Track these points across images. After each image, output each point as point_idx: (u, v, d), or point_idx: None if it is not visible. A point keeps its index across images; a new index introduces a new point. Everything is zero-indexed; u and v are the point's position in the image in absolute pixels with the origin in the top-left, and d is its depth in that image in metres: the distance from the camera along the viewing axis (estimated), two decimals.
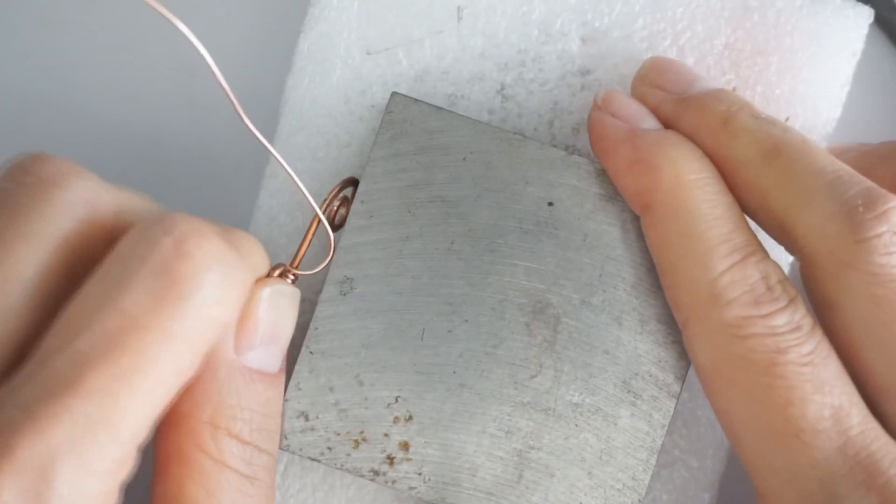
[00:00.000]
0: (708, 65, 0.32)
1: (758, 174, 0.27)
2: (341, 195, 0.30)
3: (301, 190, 0.27)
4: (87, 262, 0.25)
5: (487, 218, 0.30)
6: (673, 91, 0.30)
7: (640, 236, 0.29)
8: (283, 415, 0.29)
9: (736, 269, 0.26)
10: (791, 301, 0.26)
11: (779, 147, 0.27)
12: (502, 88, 0.32)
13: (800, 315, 0.26)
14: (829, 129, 0.32)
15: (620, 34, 0.32)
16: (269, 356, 0.27)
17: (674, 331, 0.29)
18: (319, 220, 0.29)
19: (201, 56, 0.24)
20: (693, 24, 0.32)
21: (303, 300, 0.31)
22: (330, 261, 0.30)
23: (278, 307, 0.27)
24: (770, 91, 0.32)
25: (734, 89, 0.32)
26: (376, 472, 0.29)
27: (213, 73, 0.24)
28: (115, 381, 0.22)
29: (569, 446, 0.29)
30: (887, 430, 0.26)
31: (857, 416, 0.25)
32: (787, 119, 0.32)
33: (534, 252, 0.29)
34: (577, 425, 0.29)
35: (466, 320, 0.29)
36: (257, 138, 0.26)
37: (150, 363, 0.23)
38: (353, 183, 0.30)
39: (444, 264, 0.29)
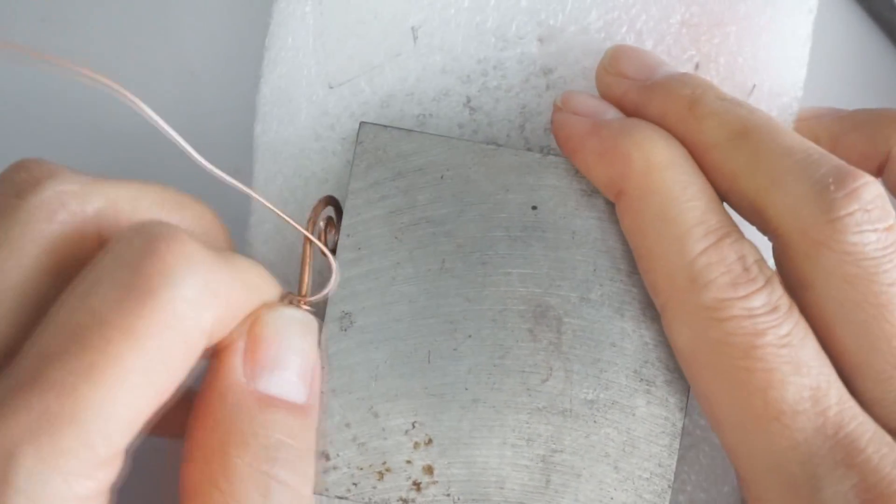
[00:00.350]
0: (668, 45, 0.32)
1: (727, 156, 0.27)
2: (325, 216, 0.30)
3: (292, 224, 0.27)
4: (77, 262, 0.25)
5: (474, 231, 0.30)
6: (637, 78, 0.30)
7: None
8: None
9: (712, 251, 0.26)
10: (768, 281, 0.26)
11: (746, 128, 0.27)
12: (469, 101, 0.32)
13: (777, 295, 0.26)
14: (798, 92, 0.32)
15: (576, 28, 0.32)
16: (288, 383, 0.26)
17: None
18: (312, 244, 0.29)
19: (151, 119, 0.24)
20: (647, 6, 0.32)
21: None
22: (334, 282, 0.29)
23: (287, 331, 0.27)
24: (733, 61, 0.32)
25: (697, 66, 0.32)
26: (405, 500, 0.29)
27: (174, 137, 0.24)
28: (74, 376, 0.22)
29: (591, 444, 0.29)
30: (863, 406, 0.26)
31: (835, 396, 0.25)
32: (754, 87, 0.32)
33: (525, 258, 0.29)
34: (595, 422, 0.29)
35: (470, 336, 0.29)
36: (238, 187, 0.26)
37: (112, 359, 0.22)
38: (331, 201, 0.30)
39: (438, 284, 0.29)
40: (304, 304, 0.28)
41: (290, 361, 0.26)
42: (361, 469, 0.29)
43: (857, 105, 0.36)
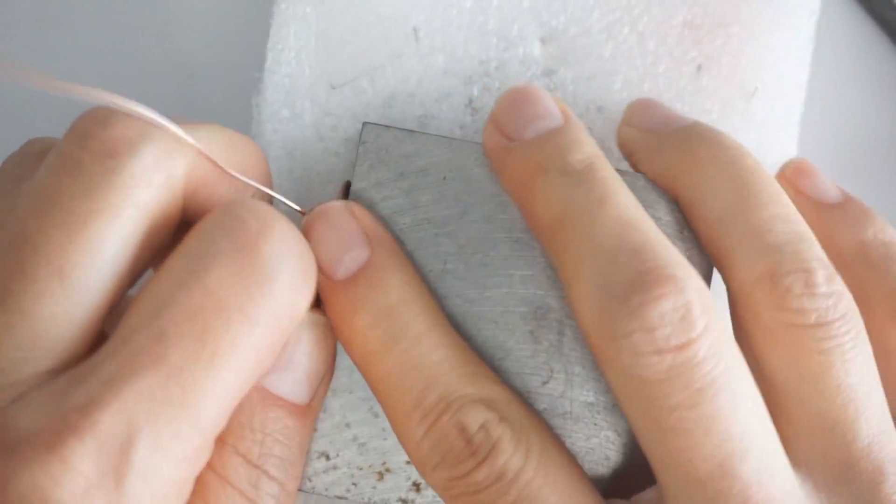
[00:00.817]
0: (670, 46, 0.32)
1: (546, 245, 0.27)
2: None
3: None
4: (166, 225, 0.25)
5: (476, 233, 0.30)
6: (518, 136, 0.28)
7: None
8: (307, 454, 0.29)
9: (430, 434, 0.26)
10: (494, 445, 0.25)
11: (563, 217, 0.26)
12: (470, 102, 0.32)
13: (502, 459, 0.25)
14: (801, 94, 0.32)
15: (578, 30, 0.32)
16: (293, 383, 0.26)
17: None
18: None
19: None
20: (649, 7, 0.32)
21: None
22: None
23: (305, 333, 0.27)
24: (735, 62, 0.32)
25: (699, 67, 0.32)
26: (404, 501, 0.29)
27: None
28: (196, 361, 0.22)
29: (591, 447, 0.29)
30: None
31: None
32: (756, 89, 0.32)
33: (527, 259, 0.29)
34: (595, 424, 0.29)
35: (470, 337, 0.29)
36: (257, 188, 0.27)
37: (231, 346, 0.22)
38: (348, 186, 0.30)
39: (440, 285, 0.29)
40: None
41: (301, 364, 0.27)
42: (361, 469, 0.29)
43: (860, 106, 0.36)
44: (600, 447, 0.29)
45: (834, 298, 0.25)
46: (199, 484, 0.24)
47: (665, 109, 0.30)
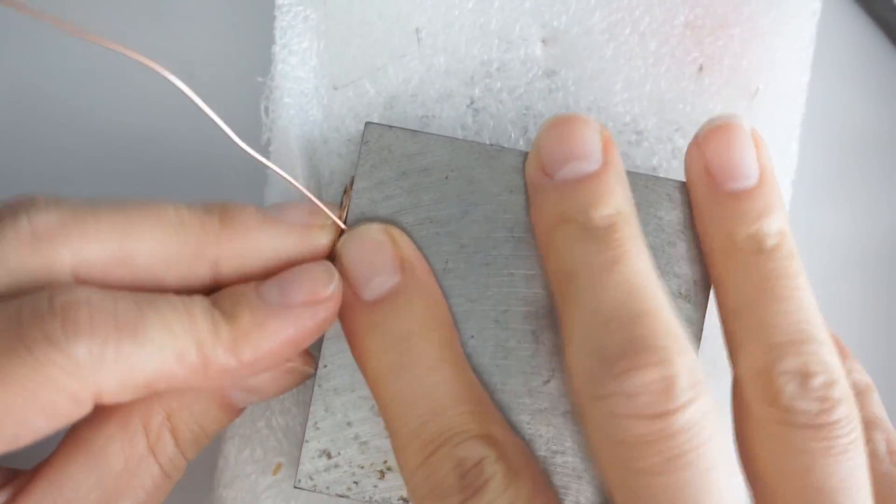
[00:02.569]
0: (671, 46, 0.32)
1: (554, 291, 0.28)
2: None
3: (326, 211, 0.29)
4: None
5: (478, 232, 0.30)
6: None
7: None
8: (309, 453, 0.29)
9: (427, 464, 0.26)
10: (484, 483, 0.25)
11: (574, 272, 0.26)
12: (472, 102, 0.32)
13: (488, 499, 0.25)
14: (802, 94, 0.32)
15: (580, 30, 0.32)
16: (247, 397, 0.29)
17: (680, 316, 0.29)
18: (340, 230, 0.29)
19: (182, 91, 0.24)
20: (651, 7, 0.32)
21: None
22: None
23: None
24: (737, 63, 0.32)
25: (701, 67, 0.32)
26: (405, 500, 0.29)
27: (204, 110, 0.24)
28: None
29: None
30: None
31: None
32: (758, 89, 0.32)
33: (528, 259, 0.29)
34: None
35: (472, 336, 0.29)
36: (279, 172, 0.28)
37: None
38: (352, 183, 0.30)
39: (441, 284, 0.29)
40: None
41: (262, 391, 0.29)
42: (363, 467, 0.29)
43: (860, 106, 0.36)
44: None
45: (829, 403, 0.26)
46: (129, 440, 0.27)
47: (735, 154, 0.28)
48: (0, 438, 0.24)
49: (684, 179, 0.29)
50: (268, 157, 0.33)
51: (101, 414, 0.27)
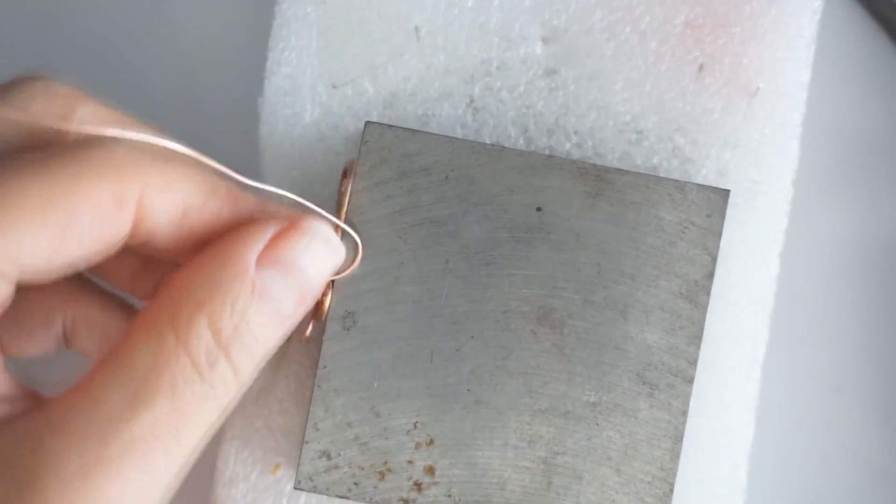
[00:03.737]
0: (672, 46, 0.32)
1: None
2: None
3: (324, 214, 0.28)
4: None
5: (478, 232, 0.30)
6: None
7: (632, 228, 0.29)
8: (308, 455, 0.29)
9: None
10: None
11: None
12: (472, 101, 0.32)
13: None
14: (803, 94, 0.32)
15: (580, 29, 0.32)
16: (286, 288, 0.26)
17: (679, 317, 0.29)
18: (341, 218, 0.29)
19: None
20: (651, 7, 0.32)
21: (311, 341, 0.31)
22: (360, 259, 0.29)
23: (318, 247, 0.27)
24: (737, 62, 0.32)
25: (701, 66, 0.32)
26: (406, 501, 0.29)
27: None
28: None
29: (593, 446, 0.29)
30: None
31: None
32: (759, 89, 0.32)
33: (529, 259, 0.29)
34: (598, 424, 0.29)
35: (473, 337, 0.29)
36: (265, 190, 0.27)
37: None
38: (347, 170, 0.30)
39: (442, 285, 0.29)
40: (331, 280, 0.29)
41: (302, 273, 0.27)
42: (363, 469, 0.29)
43: (861, 105, 0.36)
44: (602, 447, 0.29)
45: None
46: (156, 341, 0.25)
47: None
48: (49, 225, 0.24)
49: (685, 179, 0.29)
50: (265, 153, 0.32)
51: (129, 327, 0.26)
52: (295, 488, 0.29)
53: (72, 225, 0.24)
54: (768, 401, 0.34)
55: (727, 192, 0.30)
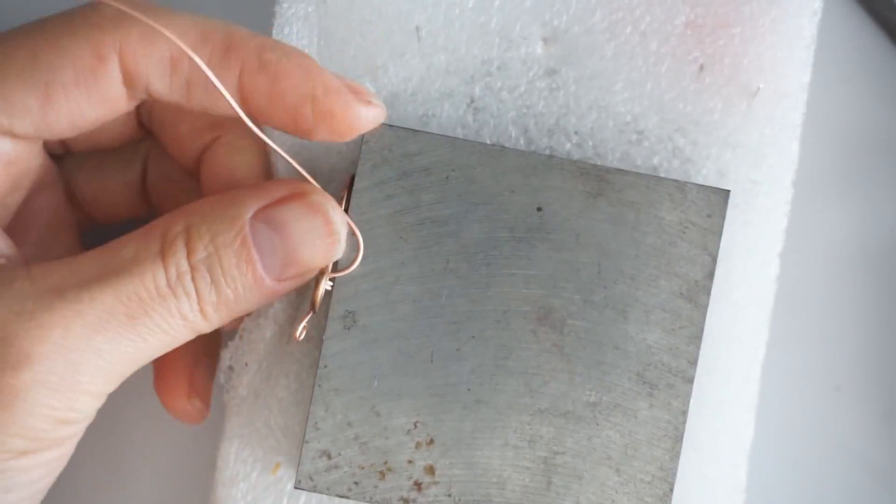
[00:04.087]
0: (672, 46, 0.32)
1: None
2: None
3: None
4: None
5: (479, 232, 0.30)
6: None
7: (632, 228, 0.29)
8: (309, 454, 0.29)
9: None
10: None
11: None
12: (472, 101, 0.32)
13: None
14: (803, 94, 0.32)
15: (581, 29, 0.32)
16: (271, 247, 0.27)
17: (680, 317, 0.29)
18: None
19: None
20: (651, 7, 0.32)
21: (308, 339, 0.31)
22: (360, 258, 0.30)
23: (311, 220, 0.28)
24: (738, 62, 0.32)
25: (702, 67, 0.32)
26: (406, 500, 0.29)
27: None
28: None
29: (593, 446, 0.29)
30: None
31: None
32: (759, 89, 0.32)
33: (530, 259, 0.29)
34: (598, 424, 0.29)
35: (473, 336, 0.29)
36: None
37: None
38: (352, 180, 0.30)
39: (442, 284, 0.29)
40: (331, 277, 0.29)
41: (291, 241, 0.28)
42: (363, 468, 0.29)
43: (861, 106, 0.36)
44: (602, 446, 0.29)
45: None
46: (143, 237, 0.27)
47: None
48: (35, 81, 0.26)
49: (685, 179, 0.29)
50: (268, 153, 0.32)
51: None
52: (295, 487, 0.29)
53: (56, 80, 0.27)
54: (768, 401, 0.34)
55: (727, 192, 0.30)
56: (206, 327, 0.28)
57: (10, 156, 0.28)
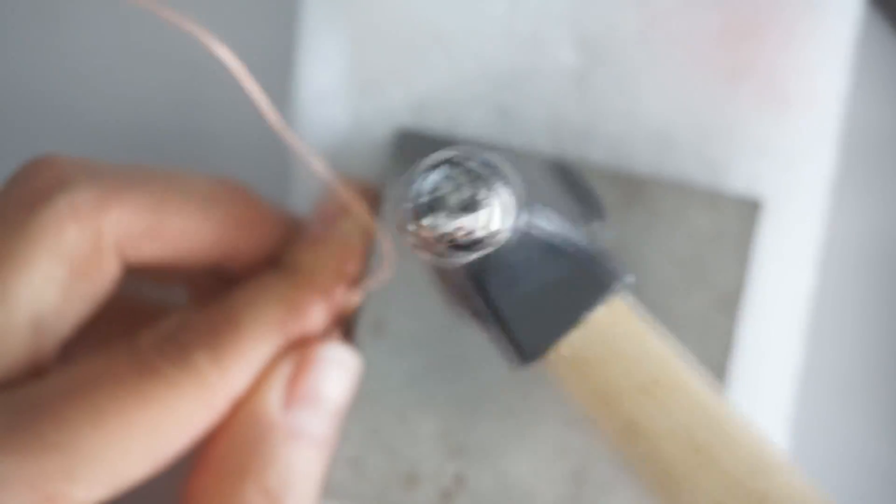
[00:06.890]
0: (704, 52, 0.32)
1: None
2: None
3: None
4: (95, 268, 0.25)
5: None
6: None
7: (664, 237, 0.29)
8: (325, 478, 0.29)
9: None
10: None
11: None
12: (501, 107, 0.32)
13: None
14: (838, 103, 0.32)
15: (612, 35, 0.32)
16: (319, 420, 0.27)
17: (711, 327, 0.29)
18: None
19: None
20: (684, 14, 0.32)
21: None
22: (391, 268, 0.29)
23: (332, 372, 0.28)
24: (771, 70, 0.32)
25: (734, 74, 0.32)
26: None
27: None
28: None
29: None
30: None
31: None
32: (792, 97, 0.31)
33: None
34: None
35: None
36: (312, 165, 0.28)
37: None
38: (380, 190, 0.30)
39: None
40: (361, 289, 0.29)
41: (328, 402, 0.27)
42: (391, 476, 0.29)
43: (863, 106, 0.35)
44: None
45: None
46: None
47: None
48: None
49: (717, 187, 0.29)
50: (294, 161, 0.32)
51: None
52: (323, 497, 0.29)
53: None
54: (804, 408, 0.34)
55: (760, 201, 0.29)
56: None
57: None
